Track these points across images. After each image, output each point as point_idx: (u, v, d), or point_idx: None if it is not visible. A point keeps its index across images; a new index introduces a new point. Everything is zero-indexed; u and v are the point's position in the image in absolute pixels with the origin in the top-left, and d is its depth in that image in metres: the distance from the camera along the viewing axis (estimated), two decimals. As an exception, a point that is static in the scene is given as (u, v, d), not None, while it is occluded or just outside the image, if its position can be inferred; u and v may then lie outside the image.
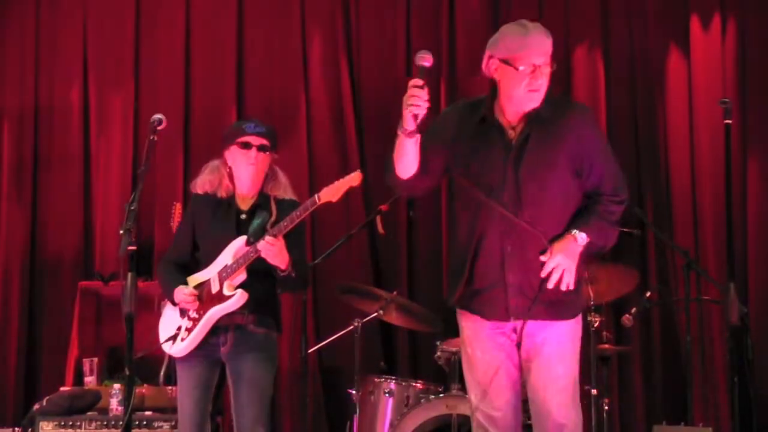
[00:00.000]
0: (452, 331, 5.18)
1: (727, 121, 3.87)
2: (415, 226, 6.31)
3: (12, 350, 6.32)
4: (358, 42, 6.53)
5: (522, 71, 3.36)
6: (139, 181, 3.61)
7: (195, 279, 4.16)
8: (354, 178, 4.03)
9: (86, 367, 5.71)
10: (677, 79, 6.23)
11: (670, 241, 5.79)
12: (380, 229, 5.13)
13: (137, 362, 3.61)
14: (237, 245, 4.10)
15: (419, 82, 3.25)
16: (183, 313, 4.15)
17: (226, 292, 4.06)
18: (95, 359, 5.71)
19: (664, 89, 6.25)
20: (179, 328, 4.13)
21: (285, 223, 3.98)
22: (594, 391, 4.95)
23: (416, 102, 3.24)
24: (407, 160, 3.39)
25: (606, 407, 5.10)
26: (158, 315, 5.67)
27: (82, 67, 6.60)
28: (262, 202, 4.22)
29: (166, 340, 4.15)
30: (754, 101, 6.15)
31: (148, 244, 6.22)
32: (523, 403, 3.51)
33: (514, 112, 3.43)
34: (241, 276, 4.06)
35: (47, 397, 5.28)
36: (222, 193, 4.22)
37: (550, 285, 3.30)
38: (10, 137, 6.55)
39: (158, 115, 3.77)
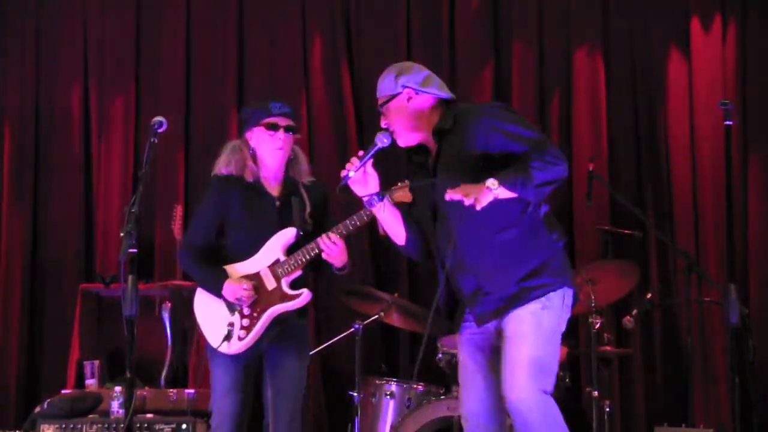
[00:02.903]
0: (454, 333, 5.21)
1: (727, 123, 3.88)
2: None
3: (13, 353, 6.32)
4: (359, 42, 6.53)
5: None
6: (140, 184, 3.61)
7: (237, 270, 3.99)
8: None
9: (87, 370, 5.71)
10: (678, 80, 6.23)
11: (671, 242, 5.79)
12: (381, 230, 5.12)
13: (138, 365, 3.60)
14: (286, 238, 3.98)
15: (362, 153, 3.49)
16: (232, 308, 3.98)
17: (288, 290, 3.96)
18: (96, 362, 5.71)
19: (664, 91, 6.24)
20: (231, 325, 3.95)
21: (353, 222, 3.90)
22: (595, 393, 4.95)
23: (346, 165, 3.47)
24: (388, 228, 3.62)
25: (607, 409, 5.09)
26: (159, 317, 5.69)
27: (83, 70, 6.61)
28: (292, 188, 4.09)
29: (223, 341, 3.94)
30: (754, 103, 6.15)
31: (149, 246, 6.22)
32: None
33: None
34: (298, 272, 3.97)
35: (48, 400, 5.28)
36: (248, 177, 4.04)
37: (448, 196, 3.25)
38: (11, 139, 6.56)
39: (159, 118, 3.75)
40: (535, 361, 3.35)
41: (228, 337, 3.93)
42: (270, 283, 3.98)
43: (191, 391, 5.29)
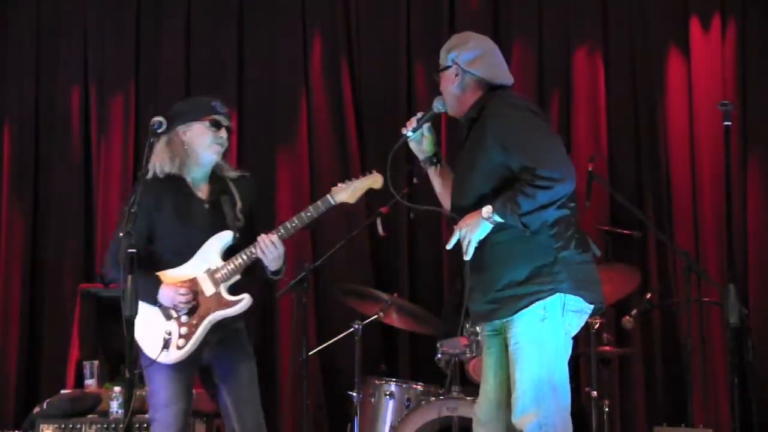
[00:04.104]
0: (453, 332, 5.21)
1: (726, 123, 3.88)
2: (416, 228, 6.31)
3: (13, 353, 6.32)
4: (359, 42, 6.53)
5: None
6: (140, 184, 3.60)
7: (171, 277, 3.86)
8: (375, 180, 3.90)
9: (87, 370, 5.71)
10: (677, 80, 6.23)
11: (670, 242, 5.78)
12: (381, 230, 5.13)
13: (137, 366, 3.58)
14: (223, 241, 3.88)
15: (420, 114, 3.59)
16: (169, 316, 3.87)
17: (227, 296, 3.87)
18: (96, 362, 5.71)
19: (664, 90, 6.24)
20: (169, 333, 3.84)
21: (294, 224, 3.84)
22: (594, 393, 4.95)
23: (406, 124, 3.58)
24: (439, 192, 3.69)
25: (607, 409, 5.09)
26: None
27: (83, 70, 6.60)
28: (220, 187, 3.99)
29: (161, 351, 3.84)
30: (754, 102, 6.14)
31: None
32: None
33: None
34: (237, 277, 3.88)
35: (48, 400, 5.28)
36: (186, 175, 3.92)
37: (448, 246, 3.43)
38: (11, 139, 6.56)
39: (159, 118, 3.74)
40: (542, 383, 3.33)
41: (166, 346, 3.82)
42: (208, 289, 3.87)
43: (190, 391, 5.28)
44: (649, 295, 5.39)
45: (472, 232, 3.34)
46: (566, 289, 3.37)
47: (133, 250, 3.40)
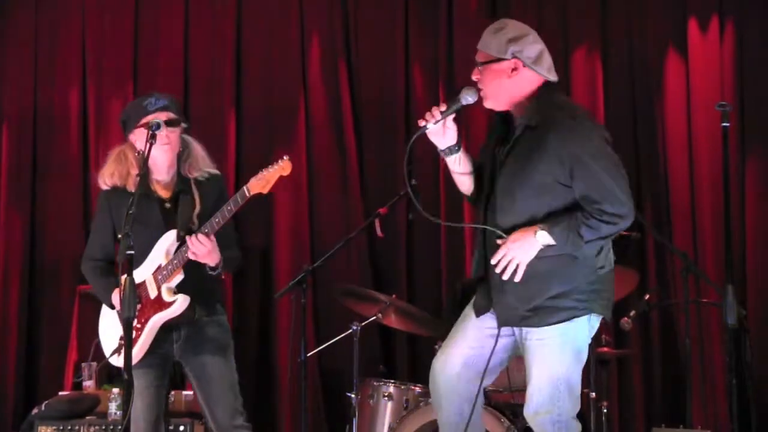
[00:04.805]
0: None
1: (725, 125, 3.88)
2: (415, 229, 6.30)
3: (11, 354, 6.31)
4: (357, 44, 6.52)
5: None
6: (138, 186, 3.60)
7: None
8: (284, 167, 3.82)
9: (85, 372, 5.70)
10: (676, 81, 6.23)
11: (668, 243, 5.79)
12: (379, 232, 5.13)
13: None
14: (168, 242, 3.88)
15: (443, 106, 3.39)
16: None
17: (166, 297, 3.86)
18: (94, 363, 5.71)
19: (662, 91, 6.24)
20: (121, 338, 3.84)
21: (217, 220, 3.78)
22: (593, 395, 4.95)
23: (425, 116, 3.37)
24: (458, 178, 3.55)
25: (605, 410, 5.09)
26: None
27: (81, 71, 6.59)
28: (183, 187, 3.99)
29: (112, 354, 3.93)
30: (752, 104, 6.14)
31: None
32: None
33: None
34: (179, 276, 3.86)
35: (46, 402, 5.28)
36: (131, 188, 3.90)
37: (498, 269, 3.31)
38: (9, 141, 6.55)
39: (156, 119, 3.75)
40: (560, 380, 3.32)
41: (118, 350, 3.88)
42: (152, 292, 3.89)
43: (189, 392, 5.29)
44: (647, 296, 5.38)
45: (526, 254, 3.28)
46: (598, 309, 3.38)
47: (132, 252, 3.41)
